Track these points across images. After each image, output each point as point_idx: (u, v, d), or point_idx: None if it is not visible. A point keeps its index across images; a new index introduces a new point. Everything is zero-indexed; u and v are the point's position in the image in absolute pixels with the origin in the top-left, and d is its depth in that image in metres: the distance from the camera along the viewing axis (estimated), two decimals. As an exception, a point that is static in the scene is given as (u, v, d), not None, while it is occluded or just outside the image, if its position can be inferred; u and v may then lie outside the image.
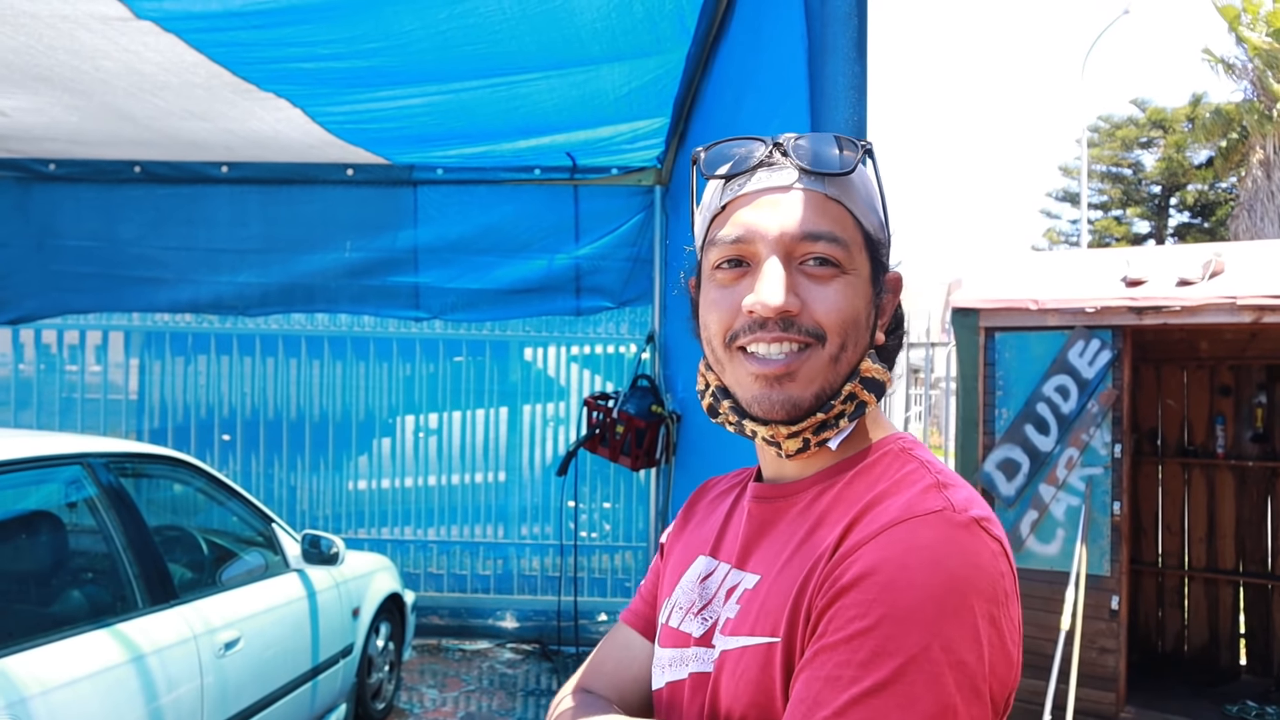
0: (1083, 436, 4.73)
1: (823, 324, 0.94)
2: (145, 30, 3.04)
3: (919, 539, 0.85)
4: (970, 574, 0.83)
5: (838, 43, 1.68)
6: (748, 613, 0.95)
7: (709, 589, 1.04)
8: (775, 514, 1.01)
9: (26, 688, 2.29)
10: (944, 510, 0.87)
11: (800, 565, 0.92)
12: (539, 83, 3.78)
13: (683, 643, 1.03)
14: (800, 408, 0.95)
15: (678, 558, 1.15)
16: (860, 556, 0.86)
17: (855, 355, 0.97)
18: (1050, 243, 26.95)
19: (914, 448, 0.99)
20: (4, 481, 2.78)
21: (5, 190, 5.56)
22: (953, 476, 0.93)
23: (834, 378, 0.96)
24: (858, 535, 0.88)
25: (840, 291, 0.95)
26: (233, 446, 6.21)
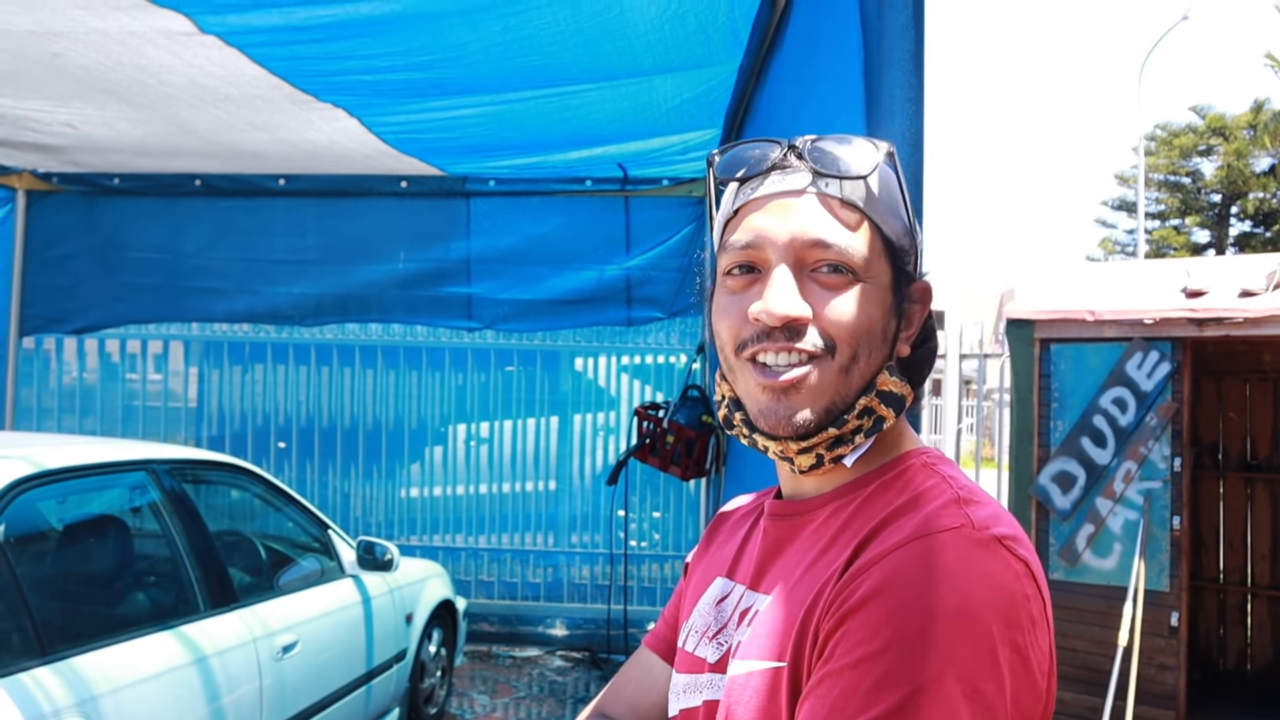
0: (1141, 450, 4.65)
1: (833, 334, 0.90)
2: (209, 45, 3.12)
3: (933, 557, 0.79)
4: (990, 595, 0.77)
5: (895, 54, 1.67)
6: (757, 636, 0.90)
7: (724, 612, 1.00)
8: (790, 532, 0.96)
9: (96, 686, 2.35)
10: (962, 527, 0.81)
11: (810, 585, 0.87)
12: (591, 93, 3.81)
13: (697, 668, 0.99)
14: (808, 422, 0.90)
15: (698, 580, 1.11)
16: (870, 576, 0.80)
17: (871, 367, 0.92)
18: (1106, 253, 26.49)
19: (938, 463, 0.93)
20: (75, 486, 2.86)
21: (72, 204, 5.73)
22: (977, 492, 0.87)
23: (846, 391, 0.91)
24: (869, 553, 0.82)
25: (853, 300, 0.90)
26: (288, 454, 6.31)
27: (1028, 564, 0.81)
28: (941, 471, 0.90)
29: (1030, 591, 0.80)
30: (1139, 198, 20.72)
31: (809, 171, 0.93)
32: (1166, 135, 25.32)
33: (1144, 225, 21.28)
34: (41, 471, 2.60)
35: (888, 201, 0.94)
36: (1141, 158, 21.39)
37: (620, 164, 5.13)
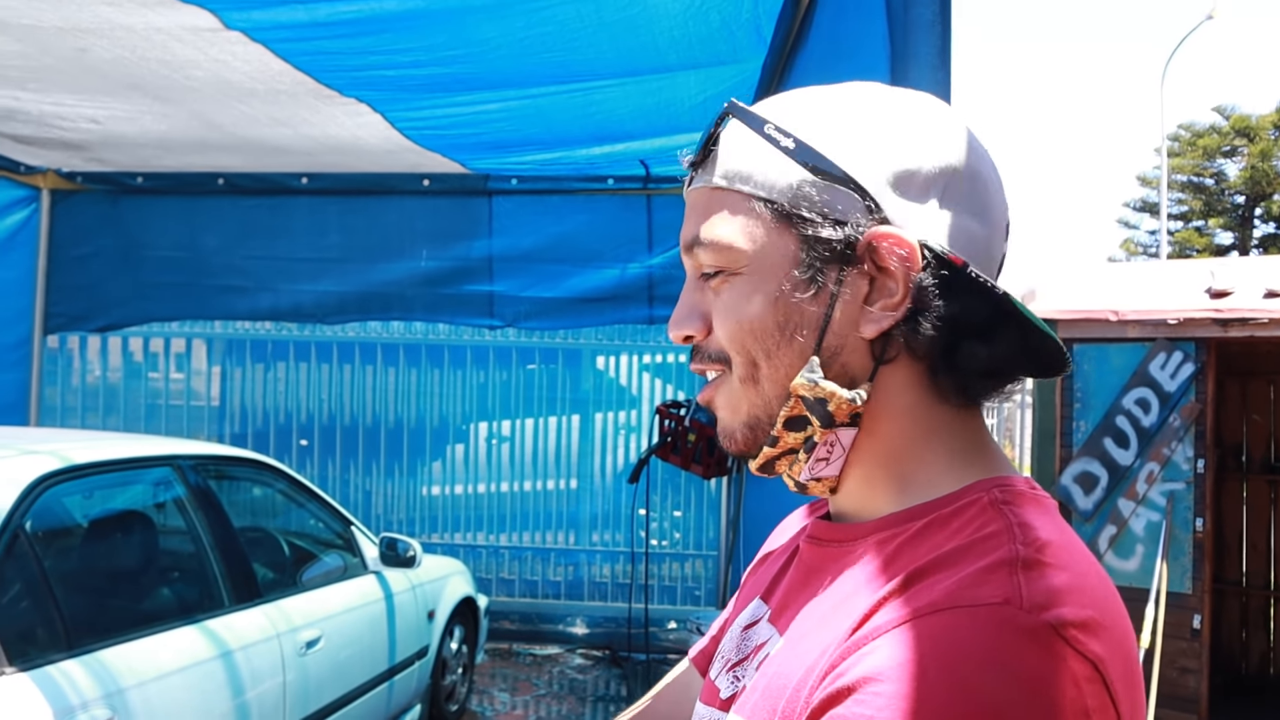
0: (1164, 451, 4.61)
1: (722, 345, 0.76)
2: (234, 40, 3.13)
3: (953, 641, 0.59)
4: (1024, 705, 0.57)
5: (921, 50, 1.66)
6: (755, 689, 0.74)
7: (749, 641, 0.83)
8: (824, 562, 0.77)
9: (123, 679, 2.35)
10: (1006, 604, 0.60)
11: (817, 642, 0.69)
12: (614, 89, 3.80)
13: (713, 701, 0.83)
14: (735, 438, 0.77)
15: (744, 595, 0.95)
16: (872, 650, 0.61)
17: (783, 370, 0.74)
18: (1128, 254, 26.31)
19: (1014, 500, 0.70)
20: (101, 481, 2.87)
21: (96, 203, 5.76)
22: (1055, 550, 0.64)
23: (760, 402, 0.75)
24: (882, 617, 0.63)
25: (729, 301, 0.75)
26: (310, 451, 6.33)
27: (1098, 665, 0.59)
28: (1014, 515, 0.68)
29: (1095, 703, 0.59)
30: (1161, 199, 20.56)
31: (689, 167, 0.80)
32: (1190, 136, 25.13)
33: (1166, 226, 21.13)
34: (68, 466, 2.61)
35: (753, 161, 0.74)
36: (1164, 159, 21.23)
37: (643, 160, 5.12)
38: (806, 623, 0.73)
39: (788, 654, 0.73)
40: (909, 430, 0.74)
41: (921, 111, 0.76)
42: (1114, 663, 0.61)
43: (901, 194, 0.72)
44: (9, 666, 2.11)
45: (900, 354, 0.73)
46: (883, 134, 0.73)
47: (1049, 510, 0.70)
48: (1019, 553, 0.63)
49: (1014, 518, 0.67)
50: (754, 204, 0.74)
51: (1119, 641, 0.62)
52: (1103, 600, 0.63)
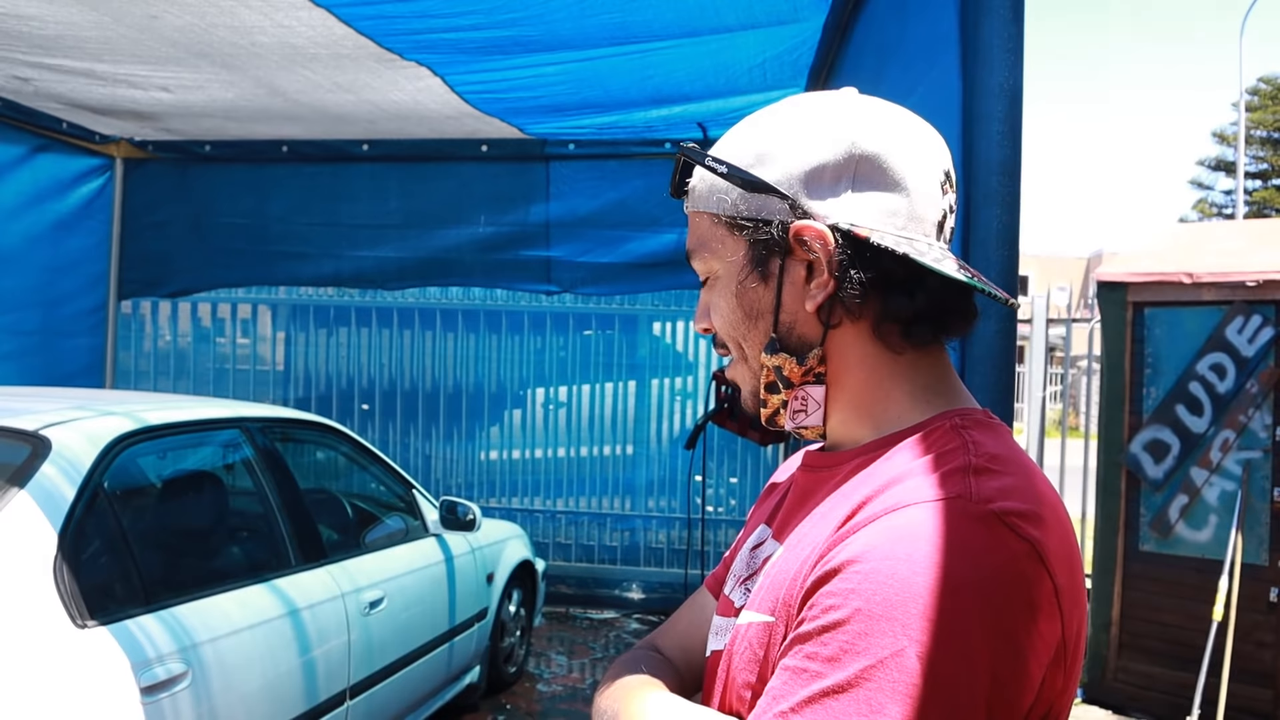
0: (1240, 418, 4.48)
1: (720, 336, 0.97)
2: (299, 5, 3.16)
3: (916, 528, 0.74)
4: (973, 575, 0.72)
5: (994, 6, 1.61)
6: (762, 587, 0.90)
7: (756, 558, 1.00)
8: (816, 485, 0.94)
9: (197, 634, 2.42)
10: (958, 498, 0.76)
11: (809, 542, 0.85)
12: (672, 51, 3.76)
13: (729, 612, 0.99)
14: (748, 404, 0.98)
15: (751, 523, 1.12)
16: (852, 541, 0.77)
17: (757, 348, 0.94)
18: (1202, 215, 25.55)
19: (972, 426, 0.86)
20: (174, 442, 2.94)
21: (166, 172, 5.88)
22: (1004, 460, 0.81)
23: (750, 375, 0.96)
24: (860, 515, 0.80)
25: (716, 298, 0.96)
26: (371, 416, 6.43)
27: (1035, 544, 0.75)
28: (969, 435, 0.84)
29: (1033, 574, 0.74)
30: (1239, 156, 19.90)
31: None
32: (1270, 89, 24.24)
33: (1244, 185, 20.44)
34: (144, 427, 2.68)
35: (708, 188, 0.94)
36: (1242, 113, 20.51)
37: (700, 124, 5.07)
38: (801, 530, 0.90)
39: (785, 556, 0.89)
40: (869, 377, 0.91)
41: (825, 115, 0.90)
42: (1050, 544, 0.76)
43: (815, 190, 0.88)
44: (90, 620, 2.18)
45: (843, 318, 0.89)
46: (792, 144, 0.89)
47: (1001, 434, 0.87)
48: (971, 461, 0.80)
49: (969, 437, 0.83)
50: (713, 220, 0.93)
51: (1055, 530, 0.77)
52: (1042, 498, 0.79)
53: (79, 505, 2.31)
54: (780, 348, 0.91)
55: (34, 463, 2.32)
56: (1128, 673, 4.79)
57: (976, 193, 1.57)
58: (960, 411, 0.88)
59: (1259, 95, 24.30)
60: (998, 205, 1.55)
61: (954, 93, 1.65)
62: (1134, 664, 4.78)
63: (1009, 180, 1.56)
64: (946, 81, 1.71)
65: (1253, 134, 23.56)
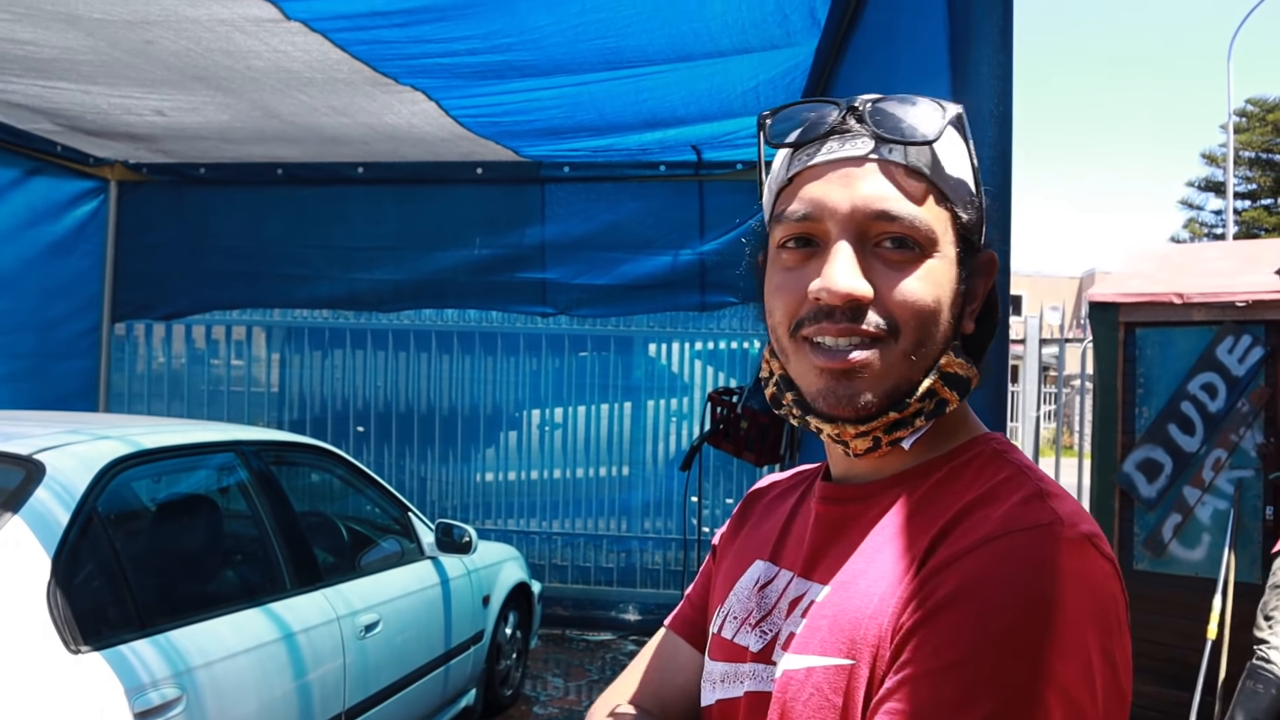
0: (1231, 437, 4.50)
1: (897, 315, 0.82)
2: (294, 30, 3.19)
3: (1024, 556, 0.73)
4: (1083, 599, 0.72)
5: (983, 28, 1.63)
6: (816, 629, 0.83)
7: (768, 598, 0.93)
8: (848, 518, 0.89)
9: (192, 659, 2.41)
10: (1052, 524, 0.74)
11: (878, 579, 0.81)
12: (667, 75, 3.80)
13: (738, 657, 0.92)
14: (870, 406, 0.83)
15: (731, 562, 1.04)
16: (952, 573, 0.74)
17: (936, 349, 0.84)
18: (1192, 235, 25.68)
19: (1009, 450, 0.86)
20: (168, 466, 2.94)
21: (161, 194, 5.90)
22: (1055, 485, 0.81)
23: (910, 373, 0.84)
24: (949, 548, 0.76)
25: (920, 278, 0.83)
26: (366, 438, 6.42)
27: (1114, 564, 0.76)
28: (1015, 460, 0.84)
29: (1118, 593, 0.75)
30: (1228, 176, 20.03)
31: (871, 136, 0.84)
32: (1259, 111, 24.43)
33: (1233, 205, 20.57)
34: (138, 451, 2.67)
35: (955, 168, 0.86)
36: (1231, 135, 20.65)
37: (694, 146, 5.10)
38: (854, 568, 0.84)
39: (842, 596, 0.83)
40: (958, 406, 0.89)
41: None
42: (1118, 566, 0.78)
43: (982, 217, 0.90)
44: (84, 645, 2.17)
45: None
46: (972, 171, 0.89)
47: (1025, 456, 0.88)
48: (1039, 487, 0.79)
49: (1018, 462, 0.84)
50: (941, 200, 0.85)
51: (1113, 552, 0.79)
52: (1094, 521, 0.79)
53: (73, 530, 2.30)
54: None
55: (28, 487, 2.31)
56: (1124, 693, 4.78)
57: (967, 217, 1.59)
58: (988, 437, 0.89)
59: (1247, 117, 24.48)
60: (989, 229, 1.57)
61: (944, 120, 1.67)
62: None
63: (999, 204, 1.57)
64: (937, 106, 1.73)
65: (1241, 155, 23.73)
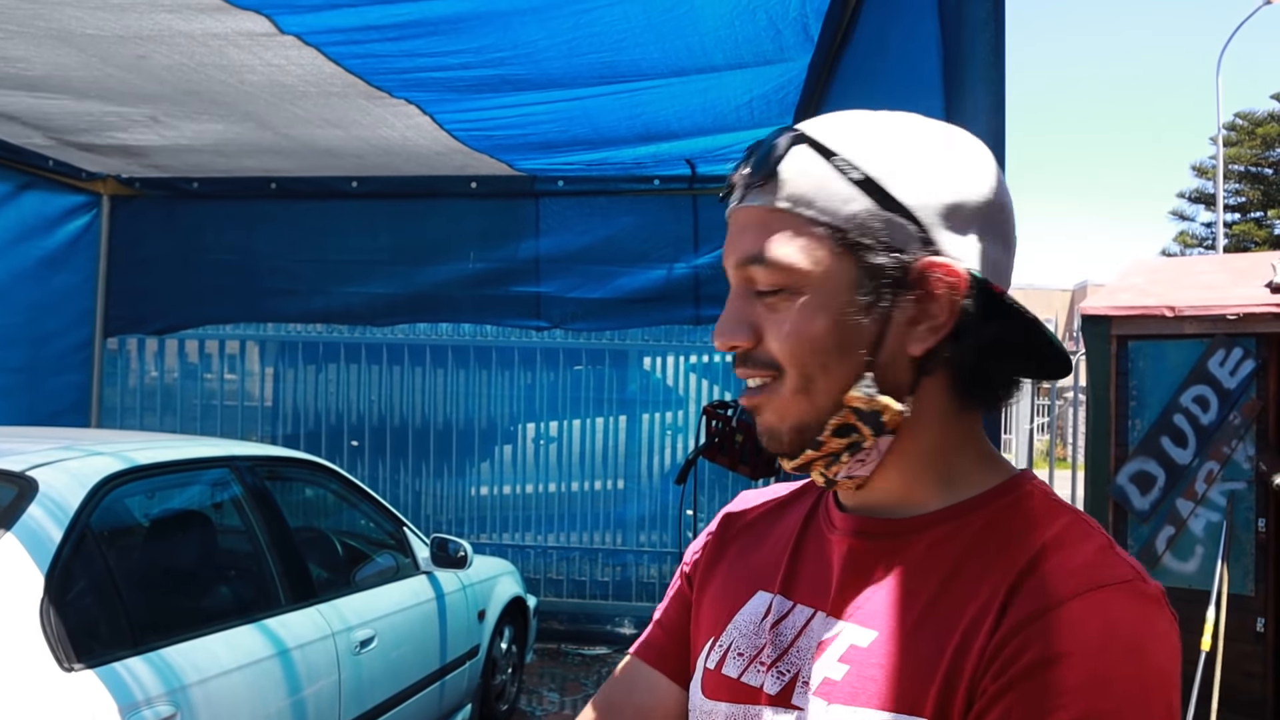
0: (1224, 450, 4.51)
1: (777, 356, 0.81)
2: (288, 44, 3.19)
3: (1115, 617, 0.71)
4: (1169, 661, 0.72)
5: (976, 50, 1.63)
6: (866, 677, 0.78)
7: (784, 636, 0.86)
8: (884, 555, 0.83)
9: (186, 676, 2.39)
10: (1134, 581, 0.73)
11: (942, 628, 0.76)
12: (660, 89, 3.80)
13: (749, 699, 0.86)
14: (780, 440, 0.83)
15: (720, 590, 0.97)
16: (1044, 632, 0.71)
17: (837, 383, 0.80)
18: (1183, 246, 25.79)
19: (1051, 492, 0.83)
20: (162, 482, 2.93)
21: (153, 209, 5.88)
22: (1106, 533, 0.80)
23: (811, 410, 0.81)
24: (1029, 603, 0.73)
25: (792, 318, 0.80)
26: (361, 452, 6.40)
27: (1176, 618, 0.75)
28: (1066, 505, 0.82)
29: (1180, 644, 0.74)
30: (1218, 190, 20.14)
31: (743, 185, 0.83)
32: (1248, 125, 24.59)
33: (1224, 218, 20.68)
34: (132, 467, 2.67)
35: (821, 188, 0.79)
36: (1220, 148, 20.77)
37: (688, 160, 5.12)
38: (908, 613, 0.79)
39: (903, 644, 0.78)
40: (947, 435, 0.83)
41: (965, 147, 0.83)
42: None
43: (950, 226, 0.79)
44: (78, 662, 2.16)
45: (938, 369, 0.81)
46: (936, 169, 0.80)
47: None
48: (1107, 537, 0.77)
49: (1070, 508, 0.81)
50: (817, 229, 0.79)
51: None
52: None
53: (66, 546, 2.29)
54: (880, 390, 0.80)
55: (21, 504, 2.30)
56: (1120, 705, 4.79)
57: (962, 232, 1.60)
58: (1026, 475, 0.85)
59: (1236, 131, 24.63)
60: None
61: (937, 138, 1.68)
62: (1126, 696, 4.77)
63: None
64: (928, 125, 1.74)
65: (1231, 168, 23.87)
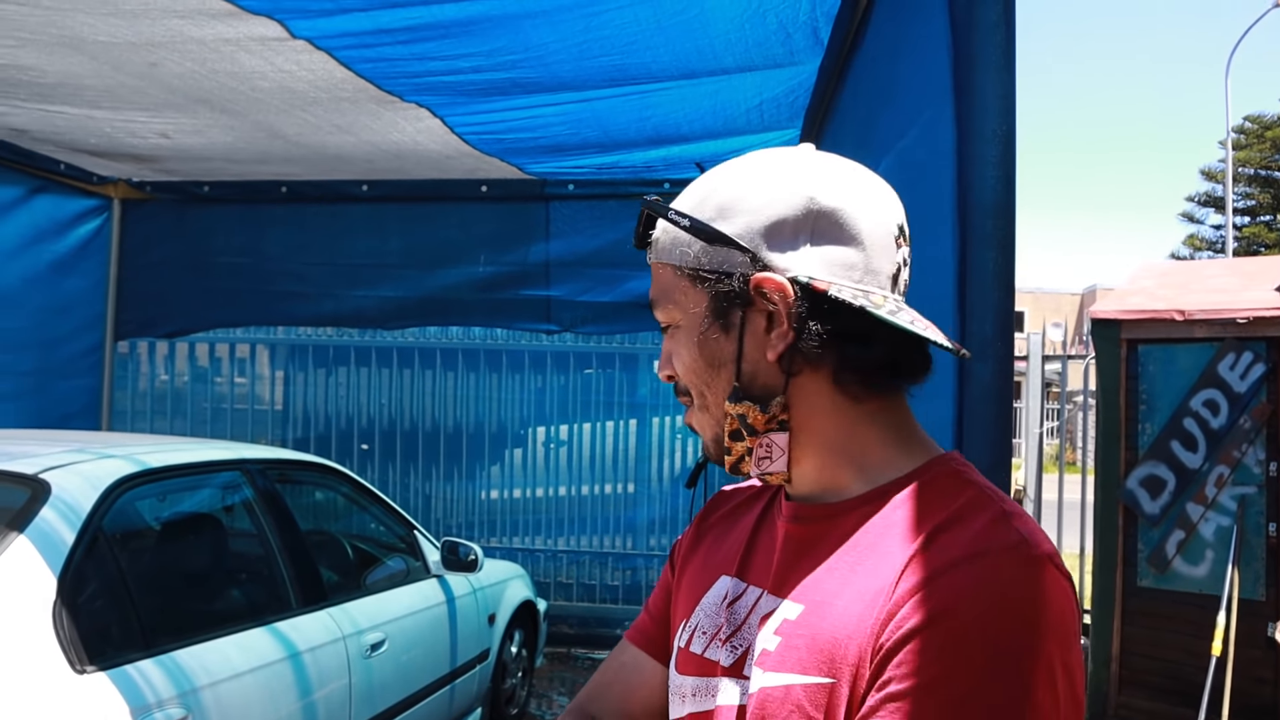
0: (1234, 453, 4.49)
1: (682, 382, 0.97)
2: (299, 49, 3.20)
3: (995, 577, 0.78)
4: (1050, 619, 0.77)
5: (986, 52, 1.64)
6: (792, 646, 0.87)
7: (737, 614, 0.97)
8: (815, 537, 0.93)
9: (197, 679, 2.40)
10: (1019, 544, 0.80)
11: (855, 598, 0.85)
12: (671, 92, 3.81)
13: (708, 671, 0.97)
14: (709, 450, 0.98)
15: (694, 576, 1.08)
16: (930, 595, 0.79)
17: (719, 396, 0.94)
18: (1192, 250, 25.70)
19: (967, 470, 0.92)
20: (174, 485, 2.94)
21: (164, 212, 5.91)
22: (1016, 505, 0.86)
23: (712, 423, 0.96)
24: (923, 570, 0.81)
25: (677, 346, 0.96)
26: (371, 456, 6.41)
27: (1070, 580, 0.82)
28: (975, 480, 0.89)
29: (1074, 609, 0.81)
30: (1227, 193, 20.05)
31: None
32: (1257, 128, 24.50)
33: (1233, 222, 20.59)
34: (143, 470, 2.67)
35: (671, 241, 0.96)
36: (1229, 152, 20.70)
37: (698, 163, 5.12)
38: (825, 587, 0.88)
39: (820, 614, 0.87)
40: (838, 424, 0.93)
41: (784, 171, 0.93)
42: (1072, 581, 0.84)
43: (775, 243, 0.91)
44: (90, 665, 2.16)
45: (804, 367, 0.91)
46: (752, 198, 0.92)
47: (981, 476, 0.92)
48: (1003, 508, 0.84)
49: (978, 483, 0.89)
50: (675, 272, 0.95)
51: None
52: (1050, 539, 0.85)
53: (78, 549, 2.30)
54: (744, 396, 0.92)
55: (33, 506, 2.31)
56: (1129, 709, 4.76)
57: (971, 236, 1.60)
58: (947, 457, 0.93)
59: (1245, 134, 24.54)
60: (992, 248, 1.57)
61: (947, 137, 1.68)
62: (1135, 700, 4.75)
63: (1003, 223, 1.58)
64: (939, 125, 1.74)
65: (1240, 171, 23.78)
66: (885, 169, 2.39)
